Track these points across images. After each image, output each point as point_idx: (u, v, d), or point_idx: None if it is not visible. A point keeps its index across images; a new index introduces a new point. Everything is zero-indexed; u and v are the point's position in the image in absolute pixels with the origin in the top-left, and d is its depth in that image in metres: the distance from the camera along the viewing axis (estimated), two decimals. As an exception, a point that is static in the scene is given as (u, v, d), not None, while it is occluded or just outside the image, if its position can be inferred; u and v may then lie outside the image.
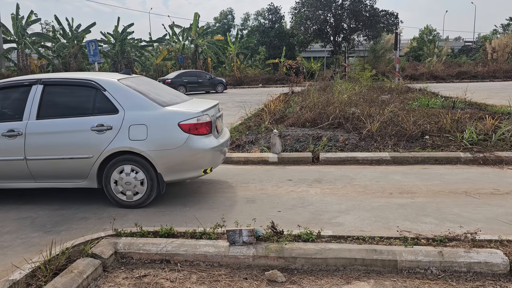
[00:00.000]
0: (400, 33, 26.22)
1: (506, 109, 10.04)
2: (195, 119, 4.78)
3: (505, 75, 29.60)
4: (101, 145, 4.70)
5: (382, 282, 3.04)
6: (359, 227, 4.04)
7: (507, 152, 6.53)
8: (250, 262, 3.34)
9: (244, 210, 4.68)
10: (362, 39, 36.57)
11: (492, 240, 3.37)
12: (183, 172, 4.88)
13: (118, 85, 4.92)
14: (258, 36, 39.97)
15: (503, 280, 3.01)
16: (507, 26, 48.88)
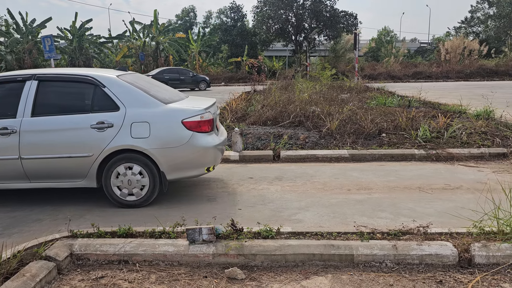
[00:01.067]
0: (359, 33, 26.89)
1: (457, 108, 10.53)
2: (199, 117, 4.73)
3: (457, 75, 31.00)
4: (102, 143, 4.56)
5: (340, 276, 3.11)
6: (318, 223, 4.12)
7: (458, 149, 6.85)
8: (210, 260, 3.33)
9: (204, 208, 4.66)
10: (323, 39, 37.24)
11: (442, 233, 3.53)
12: (186, 171, 4.82)
13: (118, 82, 4.78)
14: (221, 34, 39.87)
15: (452, 270, 3.15)
16: (459, 29, 51.19)
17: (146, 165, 4.64)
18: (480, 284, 2.94)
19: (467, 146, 6.99)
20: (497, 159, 6.63)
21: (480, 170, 6.03)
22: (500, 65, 32.74)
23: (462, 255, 3.22)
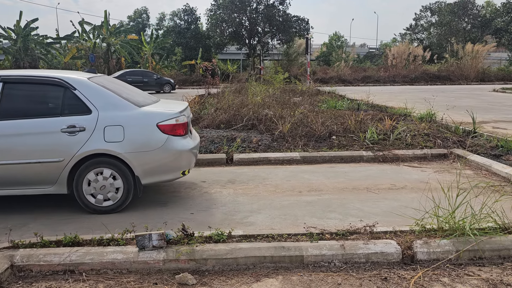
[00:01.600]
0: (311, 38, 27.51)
1: (403, 111, 11.02)
2: (174, 120, 4.68)
3: (403, 79, 32.49)
4: (73, 148, 4.41)
5: (290, 278, 3.16)
6: (270, 225, 4.17)
7: (403, 150, 7.16)
8: (161, 266, 3.28)
9: (156, 213, 4.58)
10: (276, 43, 37.72)
11: (387, 232, 3.68)
12: (161, 175, 4.75)
13: (89, 84, 4.64)
14: (174, 36, 39.35)
15: (397, 267, 3.30)
16: (405, 35, 53.67)
17: (120, 170, 4.53)
18: (422, 280, 3.09)
19: (411, 148, 7.33)
20: (439, 159, 7.00)
21: (423, 170, 6.34)
22: (442, 70, 34.66)
23: (405, 252, 3.37)
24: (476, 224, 3.53)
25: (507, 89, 23.22)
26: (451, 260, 3.32)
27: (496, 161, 6.37)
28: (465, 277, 3.11)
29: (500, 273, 3.16)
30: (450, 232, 3.51)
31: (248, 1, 35.40)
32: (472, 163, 6.54)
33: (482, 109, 13.63)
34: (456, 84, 31.69)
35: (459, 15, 44.68)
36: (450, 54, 36.81)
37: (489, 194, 4.07)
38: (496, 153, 6.89)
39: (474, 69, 33.37)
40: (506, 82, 32.16)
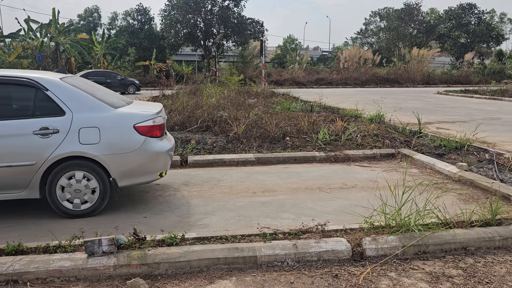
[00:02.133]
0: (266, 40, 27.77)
1: (354, 113, 11.36)
2: (151, 121, 4.63)
3: (355, 82, 33.52)
4: (47, 150, 4.24)
5: (243, 278, 3.18)
6: (224, 227, 4.17)
7: (354, 150, 7.39)
8: (111, 272, 3.19)
9: (107, 218, 4.45)
10: (231, 45, 37.74)
11: (338, 230, 3.79)
12: (139, 177, 4.67)
13: (62, 84, 4.49)
14: (127, 36, 38.35)
15: (347, 264, 3.40)
16: (355, 39, 55.47)
17: (96, 172, 4.42)
18: (370, 275, 3.20)
19: (361, 148, 7.58)
20: (387, 159, 7.29)
21: (372, 169, 6.57)
22: (391, 73, 36.10)
23: (355, 249, 3.48)
24: (421, 220, 3.71)
25: (450, 92, 24.55)
26: (397, 255, 3.47)
27: (439, 159, 6.72)
28: (410, 271, 3.26)
29: (442, 266, 3.33)
30: (397, 228, 3.67)
31: (202, 2, 35.19)
32: (417, 162, 6.85)
33: (427, 110, 14.32)
34: (404, 86, 33.10)
35: (406, 21, 46.76)
36: (398, 58, 38.40)
37: (432, 191, 4.28)
38: (439, 152, 7.27)
39: (420, 73, 35.02)
40: (449, 85, 33.98)
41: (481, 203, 4.42)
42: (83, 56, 35.48)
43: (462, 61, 40.81)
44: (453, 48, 46.38)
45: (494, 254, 3.54)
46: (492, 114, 13.63)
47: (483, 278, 3.14)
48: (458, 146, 7.41)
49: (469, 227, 3.77)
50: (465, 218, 3.86)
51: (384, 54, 43.41)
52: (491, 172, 5.98)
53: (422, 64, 35.34)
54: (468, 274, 3.20)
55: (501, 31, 50.99)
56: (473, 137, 7.90)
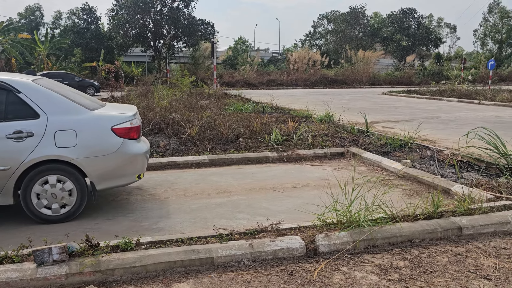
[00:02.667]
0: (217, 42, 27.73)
1: (304, 113, 11.64)
2: (129, 123, 4.59)
3: (305, 83, 34.28)
4: (21, 155, 4.13)
5: (201, 280, 3.18)
6: (179, 230, 4.15)
7: (305, 150, 7.59)
8: (63, 281, 3.08)
9: (57, 226, 4.28)
10: (182, 46, 37.31)
11: (292, 228, 3.88)
12: (117, 179, 4.62)
13: (35, 87, 4.37)
14: (72, 36, 36.87)
15: (302, 261, 3.49)
16: (304, 41, 56.66)
17: (73, 176, 4.33)
18: (324, 271, 3.32)
19: (312, 147, 7.79)
20: (337, 157, 7.54)
21: (323, 168, 6.78)
22: (339, 74, 37.25)
23: (309, 246, 3.58)
24: (370, 215, 3.89)
25: (394, 92, 25.74)
26: (349, 250, 3.62)
27: (385, 157, 7.05)
28: (361, 265, 3.41)
29: (390, 258, 3.52)
30: (348, 224, 3.82)
31: (152, 2, 34.50)
32: (365, 160, 7.15)
33: (373, 110, 14.94)
34: (351, 87, 34.27)
35: (352, 24, 48.46)
36: (345, 59, 39.70)
37: (380, 187, 4.50)
38: (385, 150, 7.62)
39: (366, 74, 36.41)
40: (393, 85, 35.58)
41: (424, 197, 4.70)
42: (24, 57, 33.69)
43: (404, 63, 42.85)
44: (395, 50, 48.61)
45: (437, 245, 3.77)
46: (432, 113, 14.46)
47: (427, 267, 3.35)
48: (402, 144, 7.80)
49: (414, 220, 4.00)
50: (410, 212, 4.09)
51: (332, 56, 44.71)
52: (432, 168, 6.35)
53: (368, 66, 36.75)
54: (414, 265, 3.40)
55: (439, 35, 54.12)
56: (416, 135, 8.34)
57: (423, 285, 3.08)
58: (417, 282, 3.13)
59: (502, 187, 4.94)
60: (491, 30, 52.89)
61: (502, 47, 52.43)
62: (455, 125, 11.44)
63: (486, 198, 4.61)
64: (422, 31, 48.75)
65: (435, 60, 47.49)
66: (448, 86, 24.41)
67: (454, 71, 33.79)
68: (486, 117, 13.39)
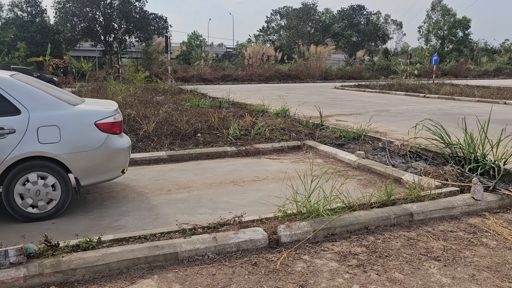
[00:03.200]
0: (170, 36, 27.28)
1: (261, 108, 11.77)
2: (112, 118, 4.60)
3: (259, 78, 34.49)
4: (3, 152, 4.04)
5: (166, 275, 3.19)
6: (141, 227, 4.11)
7: (263, 144, 7.70)
8: (22, 284, 2.99)
9: (12, 227, 4.11)
10: (134, 41, 36.32)
11: (254, 220, 3.96)
12: (102, 174, 4.62)
13: (14, 82, 4.29)
14: (16, 30, 34.82)
15: (265, 252, 3.58)
16: (258, 36, 56.90)
17: (56, 172, 4.30)
18: (286, 260, 3.43)
19: (270, 141, 7.92)
20: (294, 150, 7.71)
21: (281, 161, 6.92)
22: (292, 69, 37.80)
23: (271, 237, 3.68)
24: (328, 205, 4.04)
25: (346, 87, 26.52)
26: (309, 239, 3.75)
27: (340, 149, 7.30)
28: (321, 253, 3.55)
29: (348, 245, 3.69)
30: (308, 214, 3.95)
31: (101, -5, 33.30)
32: (321, 152, 7.37)
33: (326, 104, 15.34)
34: (305, 82, 34.91)
35: (304, 20, 49.28)
36: (298, 55, 40.31)
37: (337, 178, 4.68)
38: (340, 142, 7.89)
39: (318, 69, 37.21)
40: (344, 80, 36.62)
41: (378, 186, 4.94)
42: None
43: (354, 58, 44.18)
44: (346, 46, 50.02)
45: (391, 231, 3.99)
46: (382, 107, 15.07)
47: (383, 252, 3.55)
48: (355, 137, 8.10)
49: (369, 208, 4.20)
50: (365, 201, 4.29)
51: (285, 51, 45.24)
52: (384, 158, 6.66)
53: (320, 61, 37.56)
54: (371, 250, 3.58)
55: (386, 31, 56.19)
56: (368, 128, 8.69)
57: (380, 269, 3.26)
58: (374, 266, 3.30)
59: (448, 174, 5.27)
60: (434, 26, 55.58)
61: (444, 43, 55.27)
62: (404, 117, 12.00)
63: (434, 185, 4.92)
64: (371, 27, 50.44)
65: (383, 56, 49.31)
66: (396, 81, 25.51)
67: (401, 66, 35.32)
68: (431, 109, 14.13)
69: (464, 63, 43.14)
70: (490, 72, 42.18)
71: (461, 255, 3.50)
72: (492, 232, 3.97)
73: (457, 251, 3.57)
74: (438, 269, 3.25)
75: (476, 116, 7.99)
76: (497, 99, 16.52)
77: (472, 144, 5.66)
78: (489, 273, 3.19)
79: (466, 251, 3.58)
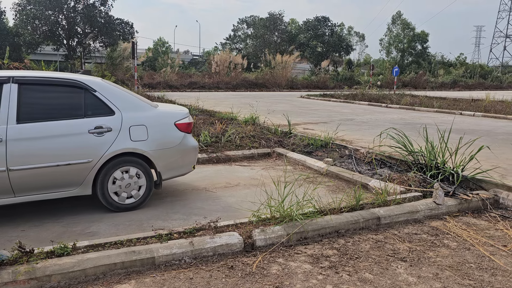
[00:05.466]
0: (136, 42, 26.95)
1: (230, 115, 11.86)
2: (187, 119, 5.19)
3: (226, 86, 34.60)
4: (101, 148, 4.51)
5: (143, 280, 3.22)
6: (115, 233, 4.10)
7: (234, 151, 7.79)
8: (-6, 292, 2.93)
9: (-25, 236, 3.99)
10: (99, 46, 35.59)
11: (230, 225, 4.04)
12: (178, 169, 5.16)
13: (107, 86, 4.80)
14: (-30, 31, 33.32)
15: (240, 255, 3.67)
16: (225, 44, 57.10)
17: (143, 167, 4.78)
18: (262, 263, 3.53)
19: (240, 148, 8.02)
20: (264, 158, 7.85)
21: (252, 168, 7.03)
22: (259, 78, 38.14)
23: (246, 241, 3.77)
24: (301, 210, 4.19)
25: (311, 96, 27.07)
26: (283, 243, 3.87)
27: (309, 156, 7.50)
28: (295, 256, 3.67)
29: (320, 248, 3.83)
30: (281, 219, 4.07)
31: (64, -2, 32.47)
32: (291, 159, 7.54)
33: (294, 113, 15.63)
34: (271, 90, 35.30)
35: (271, 29, 49.96)
36: (265, 63, 40.77)
37: (308, 185, 4.84)
38: (308, 150, 8.10)
39: (284, 78, 37.74)
40: (310, 89, 37.32)
41: (347, 192, 5.14)
42: None
43: (319, 68, 45.14)
44: (311, 56, 51.04)
45: (360, 234, 4.18)
46: (347, 116, 15.52)
47: (353, 254, 3.71)
48: (323, 144, 8.34)
49: (340, 213, 4.38)
50: (335, 206, 4.46)
51: (252, 60, 45.70)
52: (351, 165, 6.91)
53: (286, 70, 38.12)
54: (342, 253, 3.74)
55: (350, 43, 57.75)
56: (335, 136, 8.96)
57: (351, 270, 3.42)
58: (346, 267, 3.46)
59: (411, 180, 5.56)
60: (394, 39, 57.71)
61: (404, 56, 57.44)
62: (368, 126, 12.42)
63: (399, 191, 5.17)
64: (335, 39, 51.76)
65: (346, 66, 50.70)
66: (360, 91, 26.28)
67: (364, 76, 36.40)
68: (393, 119, 14.70)
69: (423, 75, 44.97)
70: (447, 84, 44.18)
71: (425, 255, 3.72)
72: (453, 234, 4.23)
73: (421, 252, 3.79)
74: (405, 269, 3.45)
75: (436, 126, 8.42)
76: (454, 110, 17.39)
77: (433, 152, 5.99)
78: (451, 272, 3.42)
79: (429, 252, 3.80)
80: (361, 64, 61.41)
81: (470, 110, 17.12)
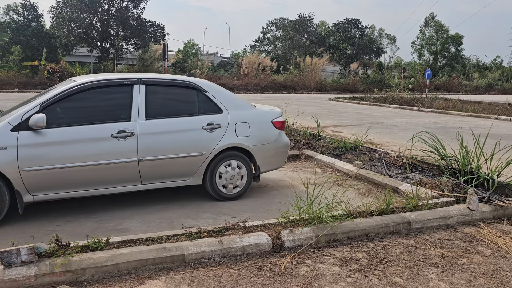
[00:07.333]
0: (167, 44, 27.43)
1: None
2: (282, 117, 5.66)
3: (255, 88, 34.69)
4: (212, 143, 5.02)
5: (173, 277, 3.28)
6: (146, 230, 4.19)
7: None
8: (33, 282, 3.05)
9: (15, 229, 4.17)
10: (131, 47, 36.42)
11: (258, 225, 4.06)
12: (273, 164, 5.63)
13: (215, 87, 5.33)
14: (11, 33, 34.71)
15: (269, 256, 3.68)
16: (254, 46, 57.32)
17: (245, 161, 5.24)
18: (290, 264, 3.53)
19: (269, 150, 8.01)
20: (293, 159, 7.83)
21: (280, 170, 6.99)
22: (288, 80, 38.05)
23: (275, 241, 3.78)
24: (330, 212, 4.16)
25: (341, 98, 26.80)
26: (312, 245, 3.85)
27: (338, 159, 7.43)
28: (324, 258, 3.66)
29: (349, 251, 3.80)
30: (310, 220, 4.06)
31: (98, 1, 33.41)
32: (319, 161, 7.49)
33: (323, 115, 15.53)
34: (300, 93, 35.17)
35: (300, 32, 49.78)
36: (294, 66, 40.66)
37: (337, 187, 4.81)
38: (337, 152, 8.02)
39: (314, 80, 37.52)
40: (339, 92, 36.95)
41: (376, 195, 5.07)
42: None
43: (349, 71, 44.67)
44: (341, 58, 50.56)
45: (390, 238, 4.11)
46: (377, 119, 15.29)
47: (383, 258, 3.66)
48: (352, 147, 8.25)
49: (369, 216, 4.32)
50: (365, 209, 4.41)
51: (281, 62, 45.60)
52: (381, 169, 6.80)
53: (315, 72, 37.88)
54: (371, 256, 3.70)
55: (380, 45, 56.91)
56: (364, 139, 8.85)
57: (381, 274, 3.37)
58: (375, 271, 3.42)
59: (443, 185, 5.42)
60: (427, 42, 56.41)
61: (437, 58, 56.07)
62: (398, 130, 12.21)
63: (431, 195, 5.06)
64: (365, 41, 51.09)
65: (377, 69, 49.90)
66: (390, 94, 25.82)
67: (395, 79, 35.74)
68: (425, 122, 14.38)
69: (456, 78, 43.78)
70: (482, 88, 42.84)
71: (458, 262, 3.63)
72: (487, 241, 4.11)
73: (454, 258, 3.69)
74: (437, 275, 3.37)
75: (471, 130, 8.19)
76: (489, 114, 16.85)
77: (467, 156, 5.83)
78: (485, 279, 3.32)
79: (462, 258, 3.70)
80: (391, 66, 60.29)
81: (507, 115, 16.55)
